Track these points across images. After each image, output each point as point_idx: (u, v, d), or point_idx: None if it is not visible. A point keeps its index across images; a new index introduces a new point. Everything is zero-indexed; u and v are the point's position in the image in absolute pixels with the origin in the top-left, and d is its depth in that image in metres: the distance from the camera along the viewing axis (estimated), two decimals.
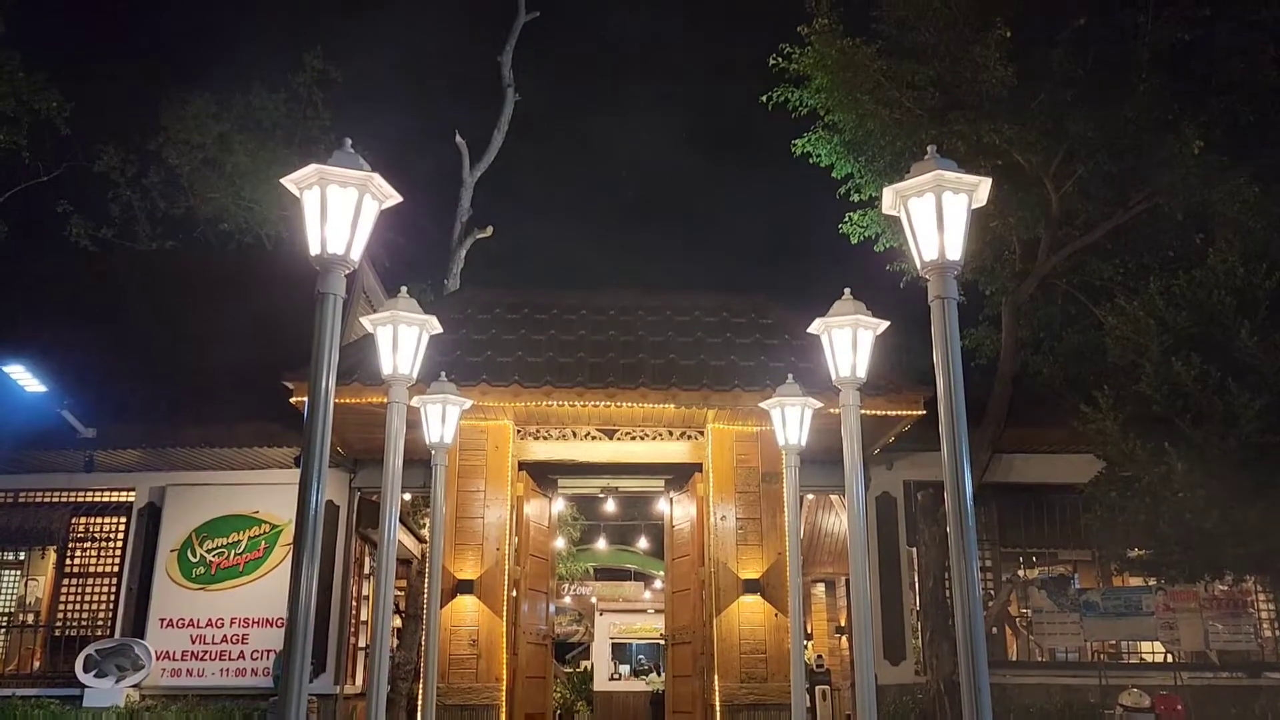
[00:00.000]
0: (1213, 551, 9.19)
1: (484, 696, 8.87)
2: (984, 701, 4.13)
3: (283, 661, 4.15)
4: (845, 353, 6.13)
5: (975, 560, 4.29)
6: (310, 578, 4.21)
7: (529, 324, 9.76)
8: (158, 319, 12.19)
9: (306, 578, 4.19)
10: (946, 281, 4.49)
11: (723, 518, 9.43)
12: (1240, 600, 10.75)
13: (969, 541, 4.28)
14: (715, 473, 9.54)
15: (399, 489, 6.17)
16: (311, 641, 4.21)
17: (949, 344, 4.44)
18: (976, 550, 4.33)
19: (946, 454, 4.43)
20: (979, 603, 4.28)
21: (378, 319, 6.15)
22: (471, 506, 9.38)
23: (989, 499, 11.34)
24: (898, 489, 11.42)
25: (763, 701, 8.91)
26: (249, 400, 10.32)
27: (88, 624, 10.94)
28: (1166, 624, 10.76)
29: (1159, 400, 9.21)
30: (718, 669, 9.03)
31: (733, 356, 9.49)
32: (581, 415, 9.53)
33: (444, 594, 9.03)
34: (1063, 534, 11.57)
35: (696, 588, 9.62)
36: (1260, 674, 10.87)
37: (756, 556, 9.39)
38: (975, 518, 11.05)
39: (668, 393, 8.94)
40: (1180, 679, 10.49)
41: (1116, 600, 10.85)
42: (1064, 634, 10.95)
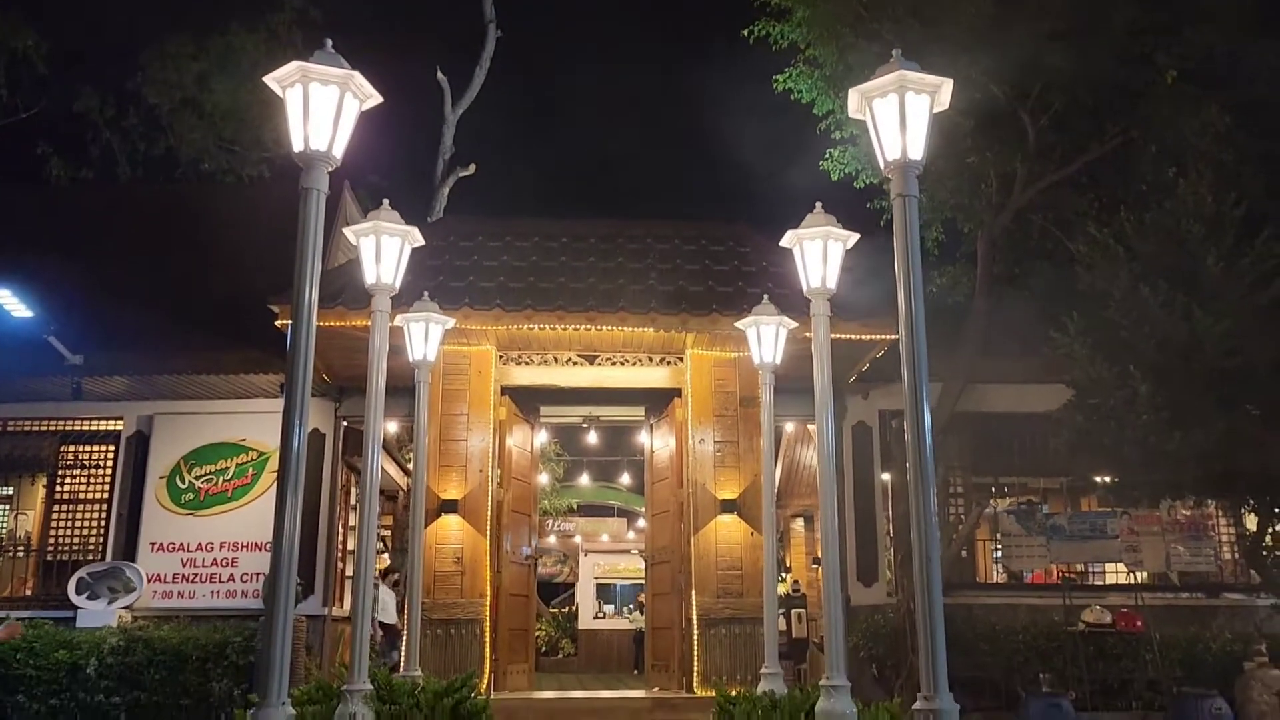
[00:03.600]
0: (1174, 473, 9.48)
1: (468, 611, 9.15)
2: (937, 619, 4.32)
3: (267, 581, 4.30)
4: (816, 265, 6.32)
5: (931, 472, 4.49)
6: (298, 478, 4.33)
7: (510, 251, 9.90)
8: (143, 250, 12.27)
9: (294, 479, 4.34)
10: (908, 180, 4.65)
11: (701, 441, 9.66)
12: (1202, 524, 11.09)
13: (925, 446, 4.48)
14: (694, 397, 9.76)
15: (382, 401, 6.33)
16: (296, 561, 4.31)
17: (910, 242, 4.62)
18: (932, 461, 4.54)
19: (905, 351, 4.61)
20: (935, 523, 4.48)
21: (360, 229, 6.29)
22: (455, 430, 9.58)
23: (962, 428, 11.62)
24: (873, 418, 11.67)
25: (738, 616, 9.21)
26: (235, 329, 10.45)
27: (79, 549, 11.15)
28: (1130, 547, 11.10)
29: (1126, 326, 9.45)
30: (695, 585, 9.33)
31: (711, 282, 9.66)
32: (563, 340, 9.72)
33: (429, 513, 9.28)
34: (1033, 462, 11.87)
35: (675, 509, 9.89)
36: (1219, 594, 11.27)
37: (734, 478, 9.64)
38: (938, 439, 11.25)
39: (646, 316, 9.12)
40: (1141, 599, 10.86)
41: (1082, 524, 11.18)
42: (1031, 557, 11.29)
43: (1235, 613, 11.10)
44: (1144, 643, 10.39)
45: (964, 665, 10.52)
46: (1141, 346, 9.38)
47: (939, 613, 4.31)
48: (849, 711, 5.59)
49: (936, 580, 4.35)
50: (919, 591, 4.39)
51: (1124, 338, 9.46)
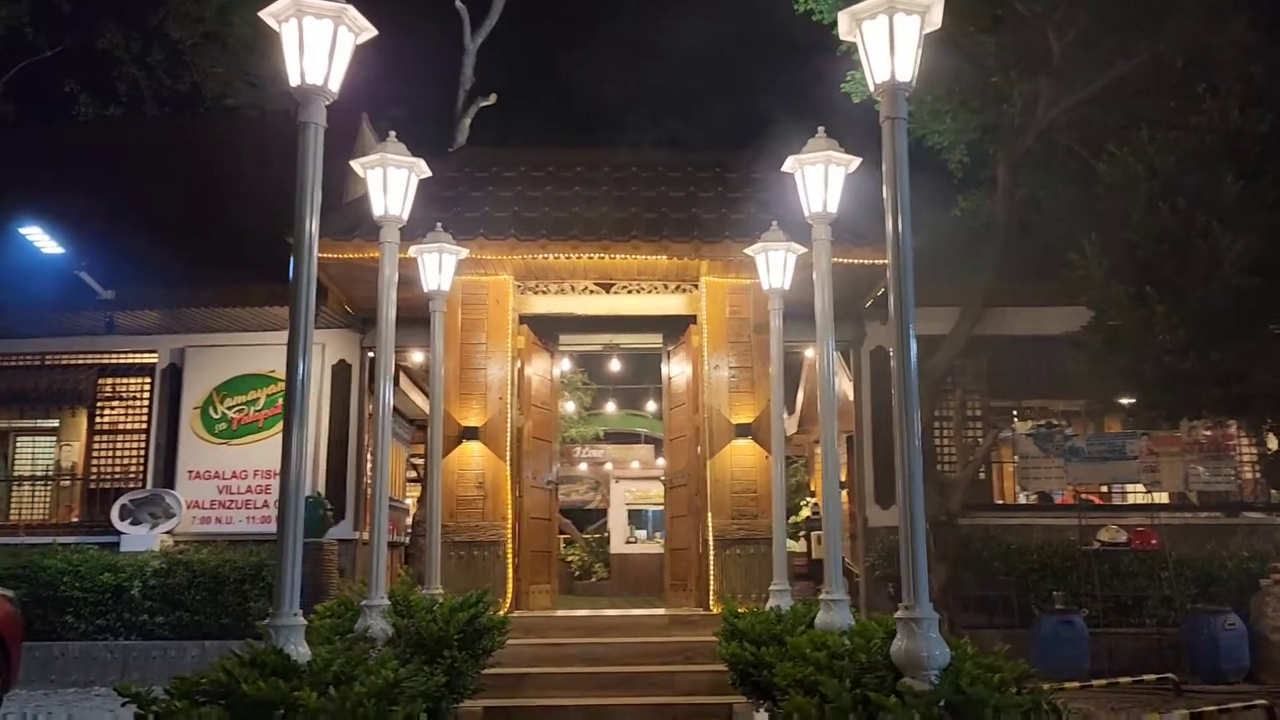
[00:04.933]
0: (1191, 393, 9.50)
1: (490, 534, 9.44)
2: (918, 535, 4.45)
3: (278, 506, 4.50)
4: (817, 189, 6.32)
5: (915, 396, 4.57)
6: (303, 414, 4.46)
7: (525, 181, 9.98)
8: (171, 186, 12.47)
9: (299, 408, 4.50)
10: (897, 102, 4.66)
11: (716, 367, 9.78)
12: (1223, 444, 11.07)
13: (910, 370, 4.55)
14: (709, 324, 9.85)
15: (393, 332, 6.47)
16: (304, 486, 4.51)
17: (898, 166, 4.64)
18: (916, 385, 4.62)
19: (892, 277, 4.65)
20: (917, 445, 4.57)
21: (367, 162, 6.39)
22: (475, 358, 9.77)
23: (980, 351, 11.63)
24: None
25: (752, 536, 9.42)
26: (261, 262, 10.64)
27: (120, 477, 11.61)
28: (1149, 468, 11.14)
29: (1145, 245, 9.37)
30: (711, 507, 9.54)
31: (724, 210, 9.69)
32: (578, 269, 9.82)
33: (451, 440, 9.56)
34: (1053, 385, 11.89)
35: (692, 434, 10.06)
36: (1238, 513, 11.31)
37: (748, 403, 9.77)
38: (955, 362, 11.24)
39: (659, 244, 9.19)
40: (1157, 518, 10.94)
41: (1101, 445, 11.21)
42: (1049, 478, 11.37)
43: (1254, 531, 11.15)
44: (1159, 561, 10.51)
45: (980, 584, 10.77)
46: (1160, 267, 9.31)
47: (920, 528, 4.46)
48: (845, 623, 5.76)
49: (918, 497, 4.49)
50: (901, 508, 4.53)
51: (1142, 258, 9.40)
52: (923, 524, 4.50)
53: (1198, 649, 9.85)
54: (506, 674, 8.07)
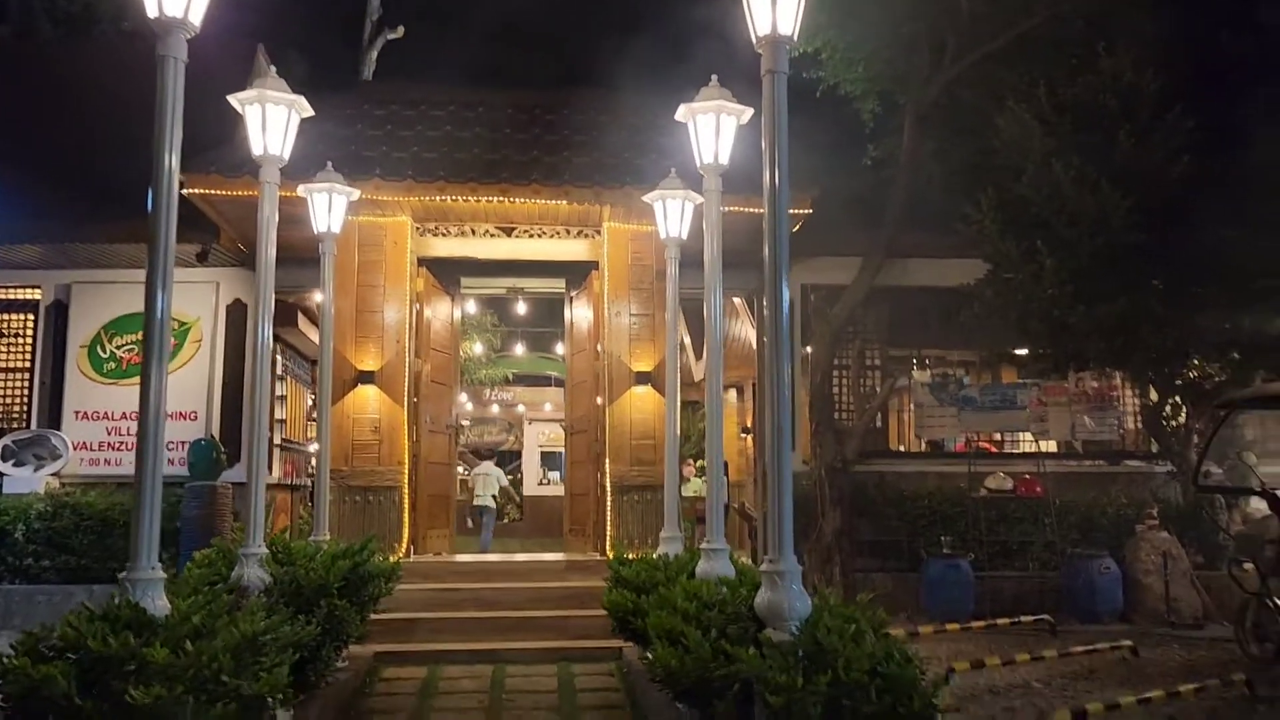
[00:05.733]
0: (1077, 345, 9.80)
1: (386, 479, 9.36)
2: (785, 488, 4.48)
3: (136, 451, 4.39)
4: (709, 139, 6.29)
5: (785, 345, 4.59)
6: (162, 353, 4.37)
7: (425, 121, 9.73)
8: (57, 114, 11.84)
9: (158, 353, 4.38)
10: (778, 55, 4.61)
11: (617, 314, 9.76)
12: (1108, 395, 11.46)
13: (781, 320, 4.57)
14: (611, 270, 9.80)
15: (271, 274, 6.31)
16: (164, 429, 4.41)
17: (777, 119, 4.60)
18: (788, 335, 4.64)
19: (767, 228, 4.64)
20: (787, 395, 4.60)
21: (244, 97, 6.14)
22: (372, 301, 9.59)
23: (880, 301, 11.80)
24: (795, 291, 11.80)
25: (650, 483, 9.50)
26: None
27: (3, 417, 11.17)
28: (1038, 417, 11.48)
29: (1037, 201, 9.57)
30: (609, 454, 9.58)
31: (628, 155, 9.59)
32: (479, 212, 9.66)
33: (346, 384, 9.41)
34: (951, 335, 12.13)
35: (592, 380, 10.06)
36: (1120, 462, 11.77)
37: (649, 350, 9.79)
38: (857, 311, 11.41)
39: (560, 189, 9.08)
40: (1044, 466, 11.33)
41: (993, 395, 11.50)
42: (943, 427, 11.65)
43: (1134, 479, 11.62)
44: (1044, 507, 10.90)
45: (873, 529, 11.06)
46: (1051, 222, 9.53)
47: (787, 483, 4.51)
48: (725, 572, 5.86)
49: (786, 452, 4.53)
50: (769, 463, 4.58)
51: (1034, 213, 9.60)
52: (789, 479, 4.55)
53: (1075, 591, 10.29)
54: (400, 619, 8.08)
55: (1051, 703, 6.81)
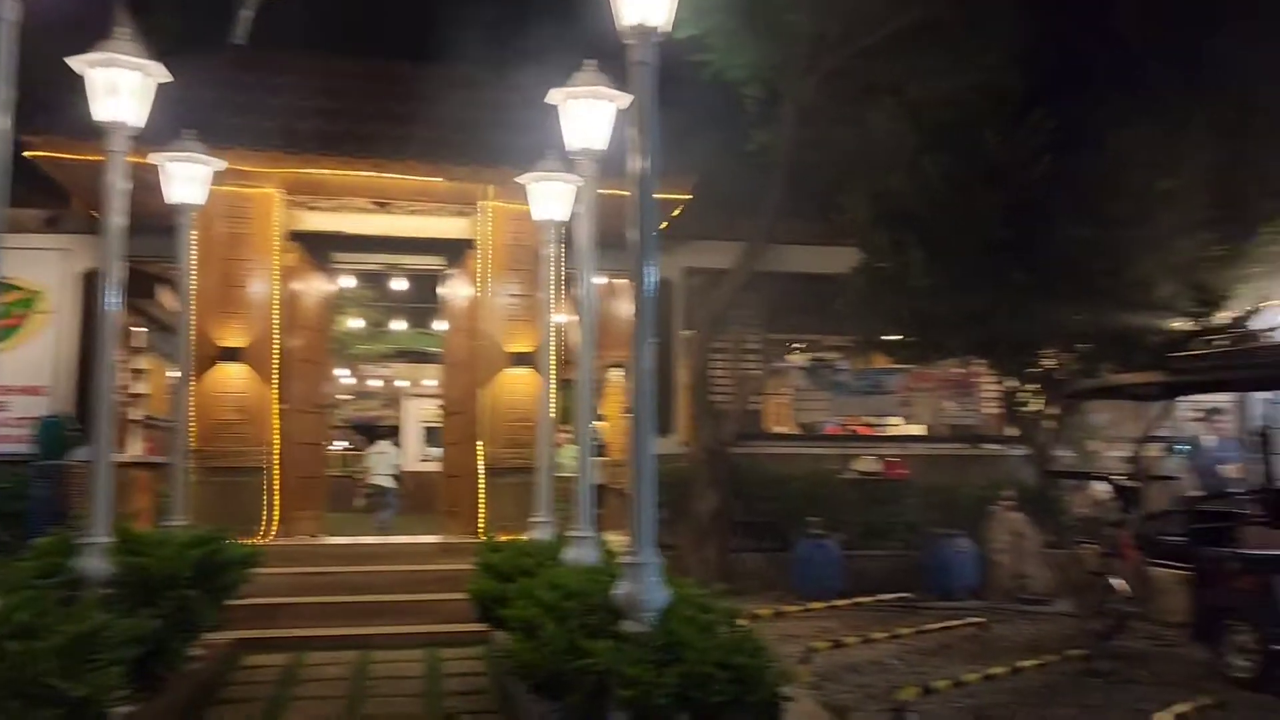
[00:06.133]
0: (942, 335, 10.15)
1: (251, 459, 9.08)
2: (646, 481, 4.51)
3: None
4: (583, 124, 6.23)
5: (648, 328, 4.61)
6: None
7: (297, 90, 9.39)
8: None
9: None
10: (647, 47, 4.58)
11: (496, 294, 9.66)
12: (970, 381, 11.95)
13: (649, 302, 4.58)
14: (490, 250, 9.68)
15: (119, 246, 5.99)
16: None
17: (644, 110, 4.59)
18: (652, 317, 4.65)
19: (635, 216, 4.63)
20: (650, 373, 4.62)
21: (92, 59, 5.79)
22: (238, 275, 9.24)
23: (759, 286, 11.96)
24: (676, 274, 11.90)
25: (526, 465, 9.41)
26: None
27: None
28: (906, 402, 11.91)
29: (907, 195, 9.84)
30: (485, 435, 9.50)
31: (509, 133, 9.43)
32: (353, 186, 9.39)
33: (208, 361, 9.06)
34: (826, 321, 12.41)
35: (470, 360, 9.94)
36: (980, 445, 12.27)
37: (528, 332, 9.71)
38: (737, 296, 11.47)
39: (437, 167, 8.90)
40: (909, 449, 11.74)
41: (865, 380, 11.88)
42: (817, 410, 11.97)
43: (992, 462, 12.12)
44: (908, 489, 11.31)
45: (748, 510, 11.27)
46: (920, 216, 9.81)
47: (649, 477, 4.53)
48: (592, 559, 5.88)
49: (648, 447, 4.55)
50: (632, 457, 4.60)
51: (905, 207, 9.87)
52: (652, 471, 4.58)
53: (934, 570, 10.72)
54: (263, 604, 7.86)
55: (905, 679, 7.08)
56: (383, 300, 18.50)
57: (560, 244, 8.26)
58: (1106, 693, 6.82)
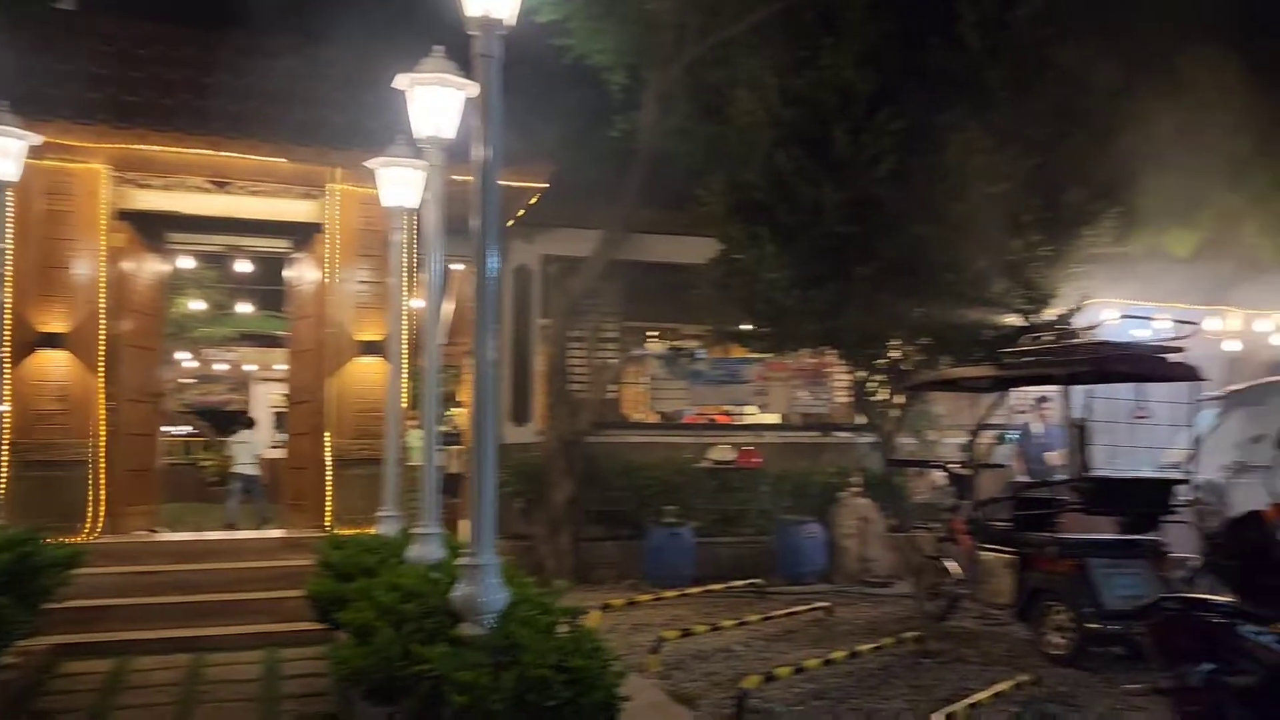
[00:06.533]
0: (793, 326, 10.39)
1: (74, 452, 8.53)
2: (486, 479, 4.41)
3: None
4: (431, 112, 6.08)
5: (492, 314, 4.52)
6: None
7: (128, 58, 8.82)
8: None
9: None
10: (490, 40, 4.48)
11: (344, 280, 9.36)
12: (822, 371, 12.30)
13: (488, 290, 4.48)
14: (339, 234, 9.37)
15: None
16: None
17: (489, 102, 4.49)
18: (494, 304, 4.57)
19: (477, 205, 4.53)
20: (491, 372, 4.53)
21: None
22: (60, 256, 8.64)
23: (618, 275, 11.97)
24: (535, 262, 11.80)
25: (375, 456, 9.15)
26: None
27: None
28: (761, 391, 12.16)
29: (762, 189, 10.02)
30: (332, 426, 9.22)
31: (360, 114, 9.12)
32: (189, 164, 8.90)
33: (27, 347, 8.47)
34: (684, 310, 12.53)
35: (317, 348, 9.61)
36: (830, 432, 12.66)
37: (378, 319, 9.44)
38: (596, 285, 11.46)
39: (280, 146, 8.53)
40: (763, 437, 12.01)
41: (721, 370, 12.07)
42: (674, 399, 12.10)
43: (842, 449, 12.52)
44: (762, 476, 11.56)
45: (603, 499, 11.31)
46: (774, 210, 10.01)
47: (490, 471, 4.44)
48: (437, 556, 5.77)
49: (490, 439, 4.45)
50: (473, 455, 4.51)
51: (759, 200, 10.05)
52: (491, 469, 4.49)
53: (785, 555, 11.02)
54: (88, 607, 7.44)
55: (751, 665, 7.26)
56: (227, 282, 17.72)
57: (412, 230, 8.09)
58: (937, 672, 7.15)
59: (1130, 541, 7.65)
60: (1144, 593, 7.11)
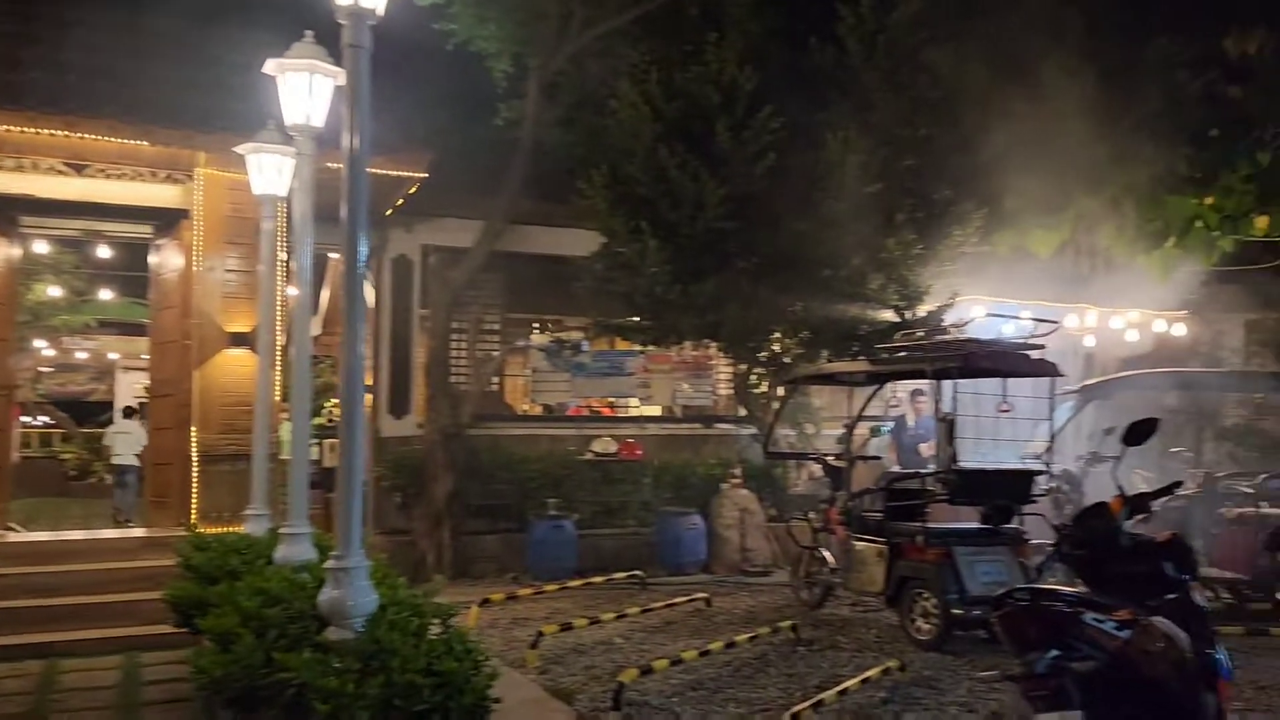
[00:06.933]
0: (674, 320, 10.48)
1: None
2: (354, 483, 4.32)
3: None
4: (300, 99, 5.88)
5: (361, 306, 4.42)
6: None
7: None
8: None
9: None
10: (359, 30, 4.36)
11: (210, 269, 9.00)
12: (705, 364, 12.43)
13: (356, 279, 4.38)
14: (205, 221, 8.99)
15: None
16: None
17: (358, 93, 4.36)
18: (362, 296, 4.46)
19: (346, 195, 4.41)
20: (360, 364, 4.43)
21: None
22: None
23: (501, 266, 11.87)
24: (415, 252, 11.57)
25: (244, 452, 8.86)
26: None
27: None
28: (644, 383, 12.22)
29: (644, 183, 10.05)
30: (198, 420, 8.88)
31: (228, 97, 8.76)
32: (41, 145, 8.39)
33: None
34: (568, 303, 12.49)
35: (182, 339, 9.23)
36: (712, 425, 12.82)
37: (247, 310, 9.11)
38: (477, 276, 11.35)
39: (143, 128, 8.13)
40: (646, 429, 12.08)
41: (604, 362, 12.08)
42: (557, 391, 12.05)
43: (724, 441, 12.70)
44: (644, 468, 11.62)
45: (485, 492, 11.20)
46: (656, 204, 10.06)
47: (357, 477, 4.35)
48: (305, 557, 5.61)
49: (358, 446, 4.35)
50: (342, 453, 4.40)
51: (642, 194, 10.08)
52: (359, 468, 4.39)
53: (666, 546, 11.11)
54: None
55: (630, 658, 7.30)
56: (87, 268, 16.84)
57: (284, 218, 7.85)
58: (811, 660, 7.32)
59: (993, 530, 7.97)
60: (1006, 579, 7.45)
